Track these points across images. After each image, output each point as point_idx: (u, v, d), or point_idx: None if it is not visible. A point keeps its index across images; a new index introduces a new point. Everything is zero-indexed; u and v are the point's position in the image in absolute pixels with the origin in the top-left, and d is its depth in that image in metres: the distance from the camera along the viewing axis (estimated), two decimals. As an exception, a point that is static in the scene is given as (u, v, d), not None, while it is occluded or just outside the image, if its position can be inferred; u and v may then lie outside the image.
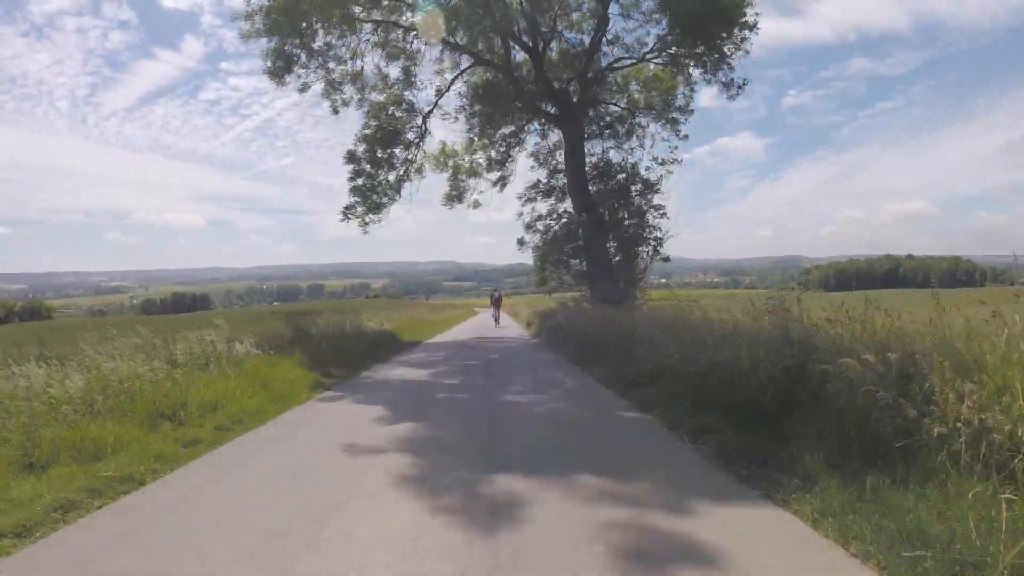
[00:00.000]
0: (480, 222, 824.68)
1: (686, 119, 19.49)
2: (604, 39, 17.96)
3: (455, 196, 21.61)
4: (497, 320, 26.11)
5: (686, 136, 19.57)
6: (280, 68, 16.95)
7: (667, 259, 17.97)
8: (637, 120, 19.78)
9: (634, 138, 19.72)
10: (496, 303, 27.18)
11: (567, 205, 18.57)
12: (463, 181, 21.48)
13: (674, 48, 17.28)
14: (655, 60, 18.27)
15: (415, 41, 18.02)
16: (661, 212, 18.00)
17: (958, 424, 3.21)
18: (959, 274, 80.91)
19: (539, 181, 19.58)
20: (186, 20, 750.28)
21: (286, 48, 16.70)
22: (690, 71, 18.10)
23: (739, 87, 16.86)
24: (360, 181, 19.22)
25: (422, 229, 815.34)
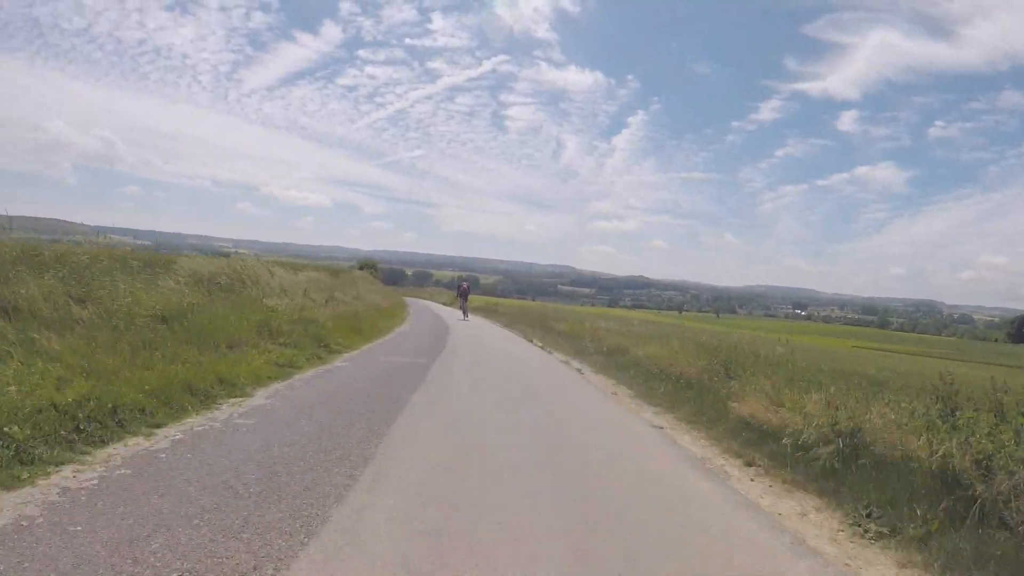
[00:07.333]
0: (603, 230, 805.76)
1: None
2: None
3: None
4: (465, 313, 25.99)
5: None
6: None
7: None
8: None
9: None
10: (463, 294, 27.53)
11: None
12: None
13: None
14: None
15: None
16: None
17: None
18: None
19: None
20: (325, 5, 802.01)
21: None
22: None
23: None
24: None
25: (545, 233, 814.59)
